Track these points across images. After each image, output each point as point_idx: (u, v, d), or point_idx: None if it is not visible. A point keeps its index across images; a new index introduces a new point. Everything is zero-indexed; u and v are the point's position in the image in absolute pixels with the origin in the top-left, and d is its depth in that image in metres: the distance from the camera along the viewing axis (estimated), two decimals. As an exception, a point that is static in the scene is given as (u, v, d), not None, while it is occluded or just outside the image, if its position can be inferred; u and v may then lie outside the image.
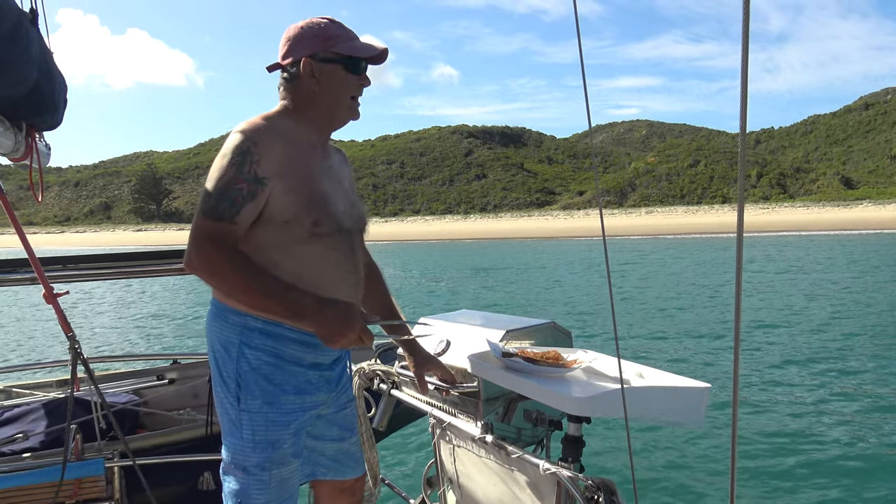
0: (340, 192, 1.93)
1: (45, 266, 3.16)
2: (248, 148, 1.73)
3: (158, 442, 3.30)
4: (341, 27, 1.87)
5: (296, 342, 1.84)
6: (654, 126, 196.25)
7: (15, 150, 2.49)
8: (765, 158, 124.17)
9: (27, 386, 4.31)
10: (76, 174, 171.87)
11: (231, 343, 1.81)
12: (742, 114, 0.80)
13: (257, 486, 1.82)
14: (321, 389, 1.93)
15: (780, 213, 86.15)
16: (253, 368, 1.80)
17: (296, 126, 1.86)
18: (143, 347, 13.83)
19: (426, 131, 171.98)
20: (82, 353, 2.76)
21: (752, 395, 7.20)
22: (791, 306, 14.51)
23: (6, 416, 3.66)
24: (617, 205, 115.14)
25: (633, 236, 55.32)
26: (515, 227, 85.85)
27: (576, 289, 19.30)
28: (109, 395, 3.75)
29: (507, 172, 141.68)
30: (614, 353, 1.45)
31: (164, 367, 4.47)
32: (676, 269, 25.66)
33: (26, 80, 2.18)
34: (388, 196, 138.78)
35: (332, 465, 2.10)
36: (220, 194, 1.71)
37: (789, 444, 5.80)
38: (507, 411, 2.08)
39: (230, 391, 1.82)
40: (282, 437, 1.83)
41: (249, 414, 1.80)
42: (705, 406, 1.68)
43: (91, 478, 2.75)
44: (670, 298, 16.50)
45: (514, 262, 33.13)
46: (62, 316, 2.80)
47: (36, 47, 2.20)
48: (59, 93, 2.57)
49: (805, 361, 8.90)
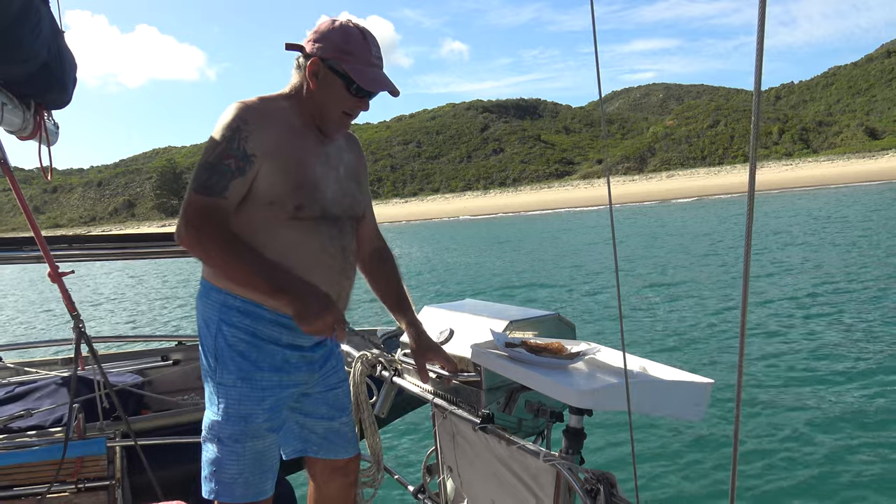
0: (332, 178, 1.95)
1: (51, 245, 3.17)
2: (238, 125, 1.77)
3: (161, 423, 3.31)
4: (365, 47, 1.86)
5: (272, 322, 1.89)
6: (671, 89, 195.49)
7: (23, 127, 2.50)
8: (786, 114, 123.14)
9: (32, 363, 4.33)
10: (98, 174, 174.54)
11: (211, 319, 1.88)
12: (756, 78, 0.78)
13: (230, 457, 1.87)
14: (301, 370, 1.98)
15: (804, 168, 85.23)
16: (229, 345, 1.86)
17: (291, 110, 1.89)
18: (148, 329, 13.90)
19: (441, 109, 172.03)
20: (86, 333, 2.77)
21: (755, 386, 7.17)
22: (807, 272, 14.40)
23: (11, 394, 3.68)
24: (637, 170, 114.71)
25: (651, 202, 55.31)
26: (536, 199, 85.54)
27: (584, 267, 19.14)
28: (113, 375, 3.76)
29: (525, 145, 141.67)
30: (620, 343, 1.45)
31: (169, 349, 4.49)
32: (700, 232, 25.58)
33: (36, 57, 2.18)
34: (406, 176, 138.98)
35: (323, 444, 2.15)
36: (210, 169, 1.75)
37: (793, 437, 5.77)
38: (509, 401, 2.08)
39: (210, 365, 1.89)
40: (255, 411, 1.88)
41: (225, 387, 1.87)
42: (707, 401, 1.67)
43: (92, 457, 2.77)
44: (693, 265, 16.15)
45: (530, 239, 32.92)
46: (67, 295, 2.81)
47: (46, 25, 2.20)
48: (69, 71, 2.56)
49: (816, 350, 8.77)
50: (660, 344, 9.56)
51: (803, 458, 5.39)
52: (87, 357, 3.07)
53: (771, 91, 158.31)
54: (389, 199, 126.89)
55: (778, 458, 5.41)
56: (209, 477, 1.90)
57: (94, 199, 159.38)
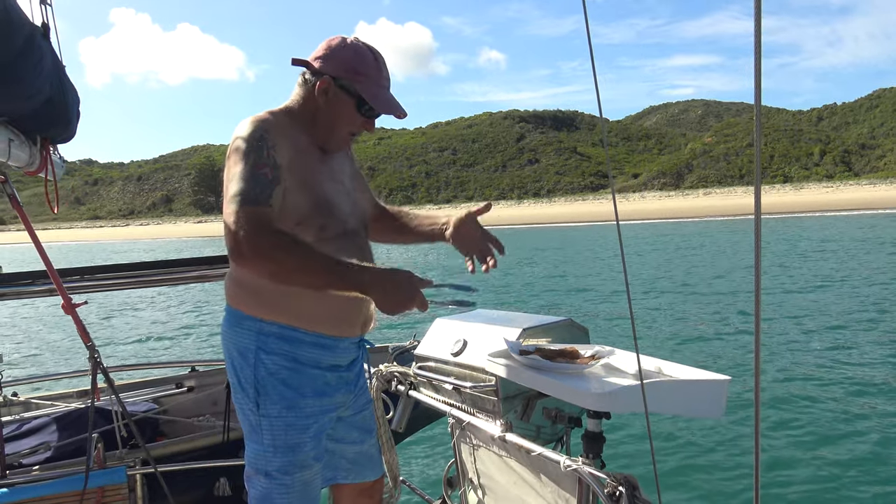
0: (342, 192, 1.93)
1: (63, 277, 3.19)
2: (262, 135, 1.72)
3: (178, 449, 3.31)
4: (377, 68, 1.85)
5: (312, 345, 1.83)
6: (711, 105, 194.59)
7: (30, 163, 2.52)
8: (828, 135, 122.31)
9: (48, 397, 4.35)
10: (138, 169, 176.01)
11: (248, 349, 1.81)
12: (756, 91, 0.79)
13: (280, 490, 1.82)
14: (339, 391, 1.94)
15: (844, 191, 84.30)
16: (270, 374, 1.80)
17: (293, 126, 1.85)
18: (162, 356, 13.92)
19: (477, 117, 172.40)
20: (102, 363, 2.79)
21: (775, 384, 7.13)
22: (830, 289, 14.32)
23: (28, 428, 3.69)
24: (674, 186, 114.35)
25: (687, 218, 54.70)
26: (569, 211, 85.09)
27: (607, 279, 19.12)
28: (129, 404, 3.78)
29: (560, 157, 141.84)
30: (641, 348, 1.45)
31: (183, 375, 4.50)
32: (730, 252, 25.50)
33: (39, 93, 2.21)
34: (440, 183, 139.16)
35: (352, 468, 2.11)
36: (249, 179, 1.65)
37: (816, 436, 5.73)
38: (526, 409, 2.08)
39: (249, 397, 1.82)
40: (302, 440, 1.83)
41: (269, 419, 1.81)
42: (725, 398, 1.67)
43: (114, 486, 2.77)
44: (720, 293, 16.14)
45: (558, 252, 32.71)
46: (81, 326, 2.83)
47: (48, 61, 2.23)
48: (72, 105, 2.59)
49: (838, 348, 8.74)
50: (675, 347, 9.56)
51: (828, 457, 5.34)
52: (102, 387, 3.09)
53: (813, 112, 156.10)
54: (423, 205, 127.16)
55: (801, 456, 5.36)
56: None
57: (133, 192, 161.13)
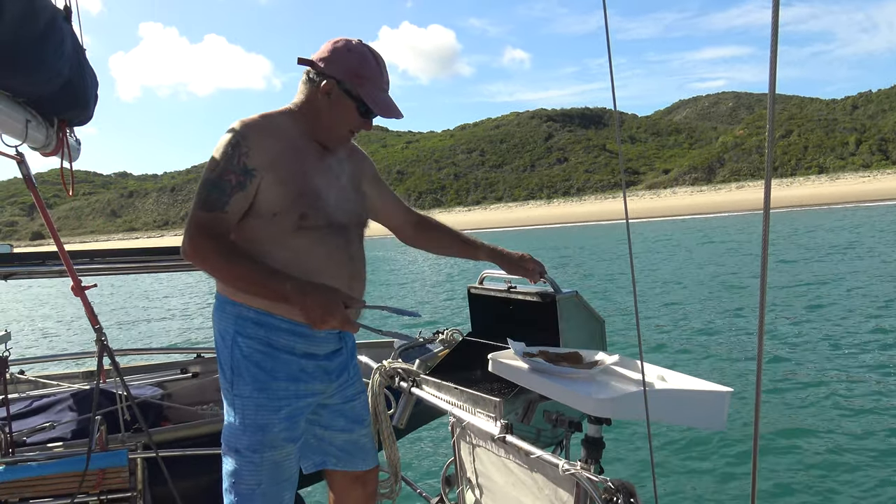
0: (336, 187, 2.01)
1: (74, 259, 3.21)
2: (238, 141, 1.84)
3: (181, 435, 3.33)
4: (379, 71, 1.96)
5: (287, 332, 1.93)
6: (742, 97, 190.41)
7: (46, 144, 2.54)
8: (863, 124, 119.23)
9: (55, 376, 4.38)
10: (171, 180, 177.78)
11: (227, 332, 1.92)
12: (771, 84, 0.79)
13: (249, 467, 1.90)
14: (317, 379, 2.01)
15: (882, 180, 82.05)
16: (245, 356, 1.90)
17: (294, 125, 1.96)
18: (168, 341, 14.01)
19: (504, 118, 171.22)
20: (109, 346, 2.81)
21: (776, 394, 7.09)
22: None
23: (35, 406, 3.73)
24: (705, 181, 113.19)
25: (721, 213, 53.85)
26: (600, 209, 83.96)
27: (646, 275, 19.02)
28: (134, 388, 3.80)
29: (589, 154, 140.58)
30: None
31: (188, 361, 4.53)
32: (759, 249, 25.50)
33: (59, 75, 2.22)
34: (469, 185, 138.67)
35: (342, 456, 2.18)
36: (211, 185, 1.82)
37: (814, 448, 5.69)
38: (527, 412, 2.08)
39: (226, 377, 1.93)
40: (272, 421, 1.91)
41: (241, 399, 1.90)
42: (727, 410, 1.66)
43: (114, 469, 2.79)
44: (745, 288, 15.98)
45: (581, 251, 32.49)
46: (90, 308, 2.85)
47: (69, 43, 2.24)
48: (91, 89, 2.61)
49: (848, 358, 8.67)
50: (679, 353, 9.50)
51: (826, 466, 5.31)
52: (108, 370, 3.11)
53: (847, 100, 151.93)
54: (452, 207, 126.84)
55: (799, 467, 5.34)
56: (229, 489, 1.93)
57: (167, 203, 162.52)
